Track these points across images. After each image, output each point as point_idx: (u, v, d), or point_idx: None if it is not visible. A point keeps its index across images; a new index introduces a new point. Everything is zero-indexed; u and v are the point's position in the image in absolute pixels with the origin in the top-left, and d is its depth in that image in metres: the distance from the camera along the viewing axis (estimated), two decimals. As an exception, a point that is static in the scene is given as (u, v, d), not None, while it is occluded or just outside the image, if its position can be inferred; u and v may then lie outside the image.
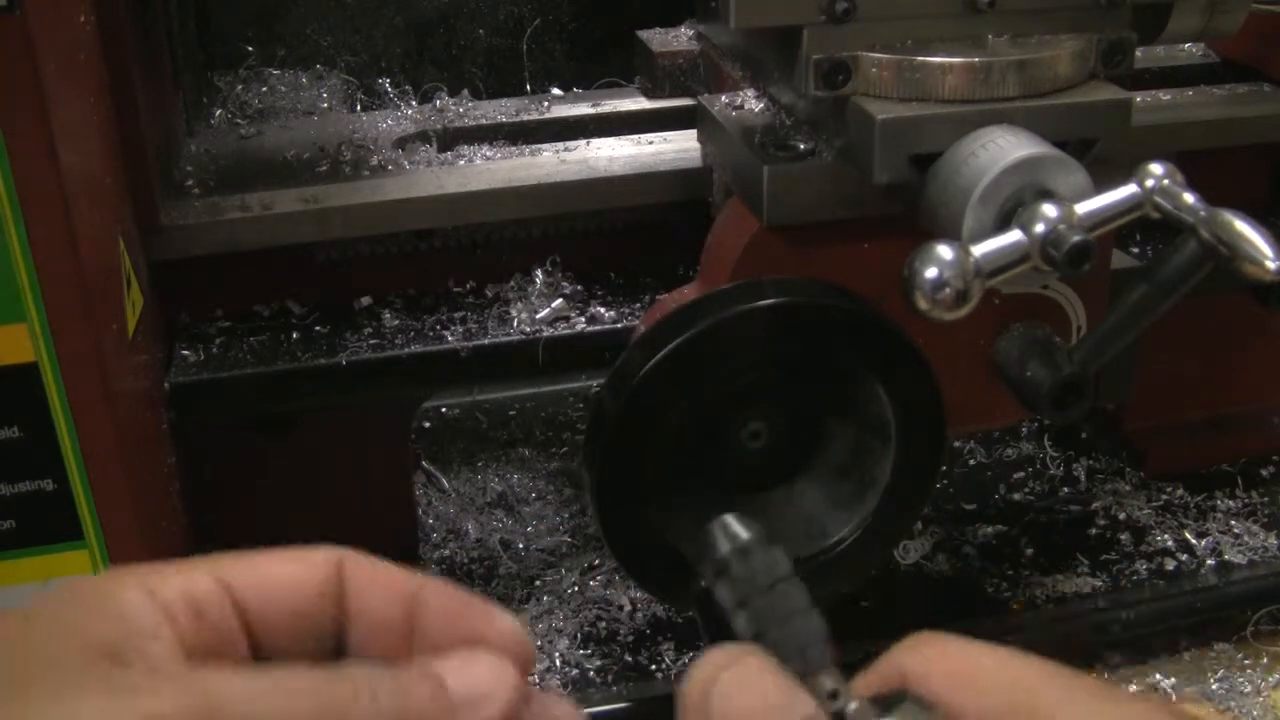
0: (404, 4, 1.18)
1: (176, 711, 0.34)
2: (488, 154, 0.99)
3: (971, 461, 1.17)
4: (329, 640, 0.43)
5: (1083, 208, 0.67)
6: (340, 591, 0.43)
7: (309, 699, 0.37)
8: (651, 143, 1.01)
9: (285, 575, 0.42)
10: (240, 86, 1.12)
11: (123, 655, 0.37)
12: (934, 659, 0.40)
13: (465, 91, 1.11)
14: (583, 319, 0.95)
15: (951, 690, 0.39)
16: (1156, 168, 0.69)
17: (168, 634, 0.39)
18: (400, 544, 1.04)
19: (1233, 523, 1.05)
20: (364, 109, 1.13)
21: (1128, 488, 1.11)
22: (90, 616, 0.38)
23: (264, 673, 0.38)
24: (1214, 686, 0.92)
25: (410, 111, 1.09)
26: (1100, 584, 1.00)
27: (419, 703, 0.39)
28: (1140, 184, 0.69)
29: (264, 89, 1.12)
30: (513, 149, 1.00)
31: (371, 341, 0.93)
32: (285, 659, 0.42)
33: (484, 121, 1.06)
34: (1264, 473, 1.12)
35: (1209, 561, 1.01)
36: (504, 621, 0.43)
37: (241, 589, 0.41)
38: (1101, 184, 0.69)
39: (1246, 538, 1.04)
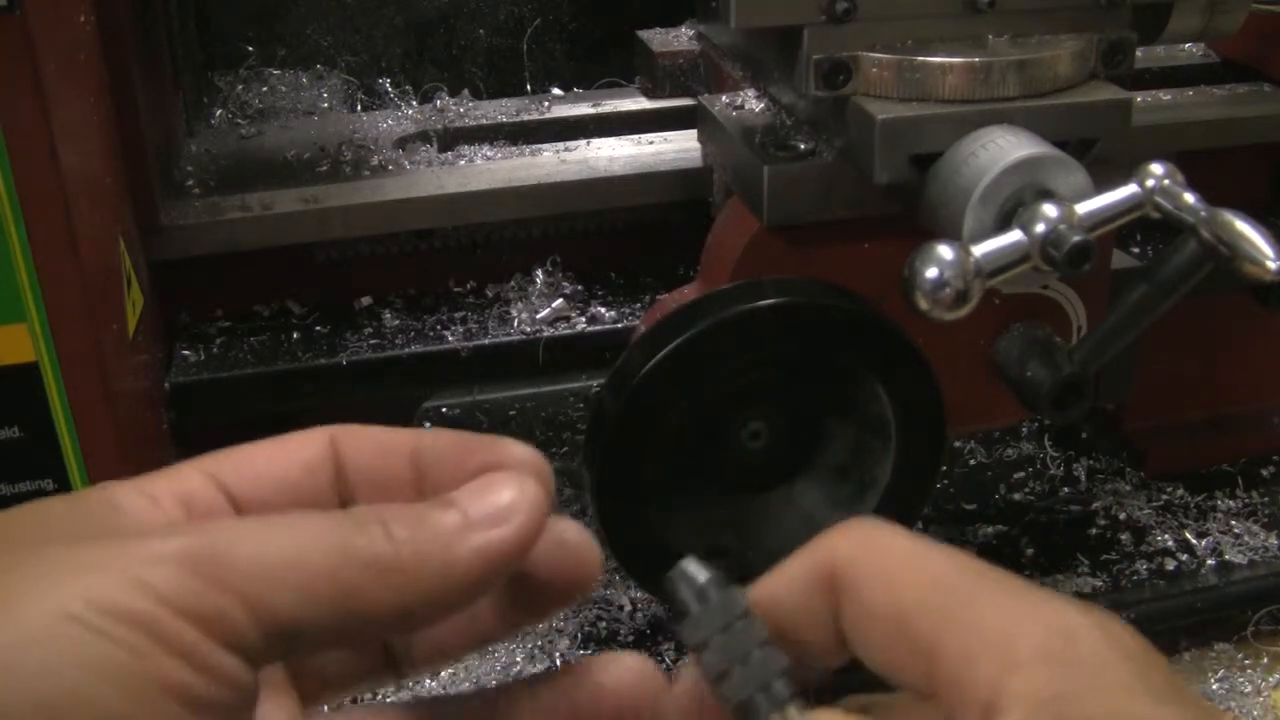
0: (404, 4, 1.18)
1: (180, 551, 0.33)
2: (488, 154, 0.99)
3: (971, 461, 1.16)
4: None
5: (1083, 208, 0.67)
6: (336, 464, 0.42)
7: (317, 539, 0.35)
8: (651, 143, 1.01)
9: (271, 458, 0.41)
10: (240, 86, 1.12)
11: (120, 529, 0.37)
12: (861, 551, 0.39)
13: (465, 91, 1.11)
14: (583, 319, 0.95)
15: (872, 585, 0.38)
16: (1156, 168, 0.69)
17: (161, 520, 0.38)
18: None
19: (1233, 523, 1.05)
20: (364, 109, 1.13)
21: (1128, 488, 1.11)
22: (87, 505, 0.38)
23: (266, 517, 0.37)
24: (1214, 686, 0.92)
25: (410, 111, 1.09)
26: (1100, 584, 1.00)
27: (437, 530, 0.37)
28: (1140, 184, 0.69)
29: (264, 89, 1.12)
30: (513, 149, 1.00)
31: (372, 341, 0.93)
32: None
33: (484, 121, 1.06)
34: (1264, 473, 1.11)
35: (1209, 561, 1.01)
36: (516, 448, 0.42)
37: (229, 479, 0.40)
38: (1101, 184, 0.69)
39: (1247, 538, 1.03)
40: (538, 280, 0.98)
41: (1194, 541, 1.04)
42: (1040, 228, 0.65)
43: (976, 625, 0.35)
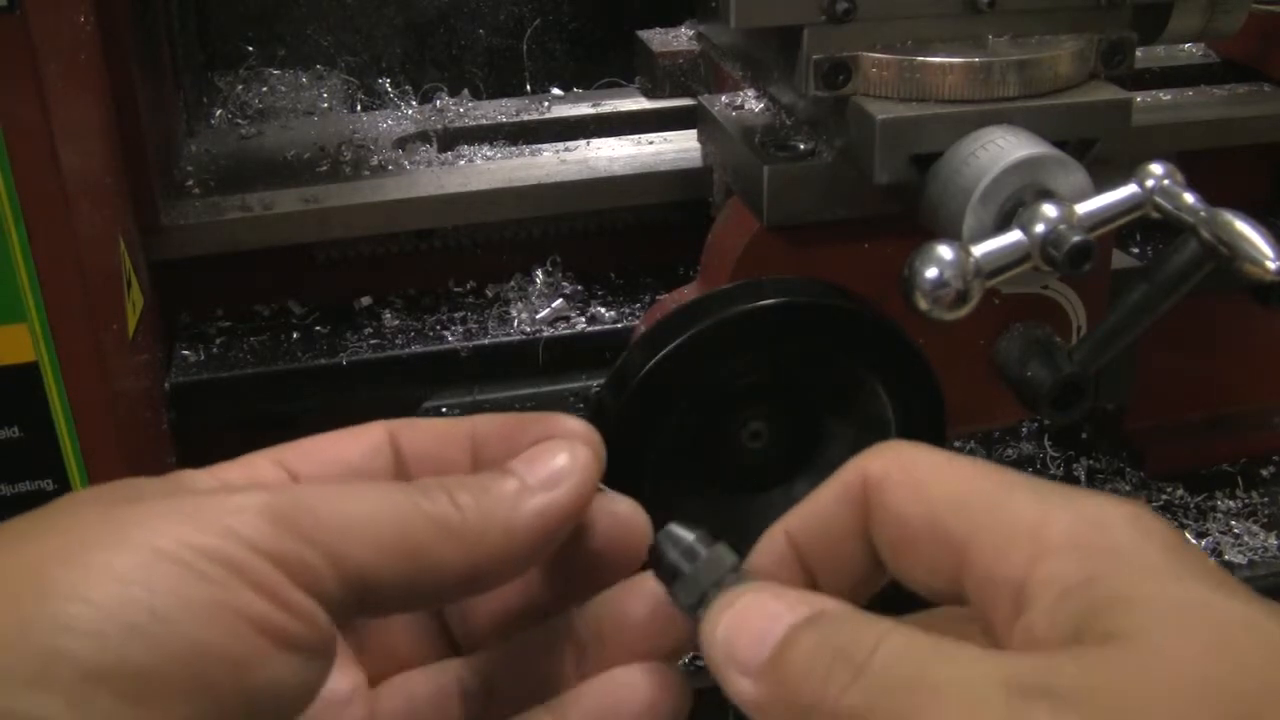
0: (404, 4, 1.18)
1: (264, 504, 0.35)
2: (488, 154, 0.99)
3: (972, 461, 1.16)
4: None
5: (1083, 208, 0.67)
6: (396, 453, 0.44)
7: (390, 500, 0.37)
8: (651, 143, 1.01)
9: (334, 446, 0.44)
10: (240, 86, 1.12)
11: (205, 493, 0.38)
12: (892, 465, 0.39)
13: (465, 91, 1.11)
14: (583, 319, 0.95)
15: (904, 493, 0.39)
16: (1156, 168, 0.69)
17: None
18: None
19: (1233, 523, 1.05)
20: (364, 109, 1.13)
21: (1128, 488, 1.10)
22: (165, 482, 0.39)
23: (344, 484, 0.39)
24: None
25: (410, 111, 1.09)
26: (1100, 584, 1.00)
27: (499, 495, 0.40)
28: (1140, 184, 0.69)
29: (264, 89, 1.12)
30: (513, 149, 1.00)
31: (372, 341, 0.93)
32: None
33: (484, 121, 1.06)
34: (1264, 473, 1.11)
35: (1209, 561, 1.01)
36: (568, 420, 0.44)
37: (296, 465, 0.42)
38: (1101, 184, 0.69)
39: (1246, 538, 1.03)
40: (538, 280, 0.98)
41: (1194, 542, 1.04)
42: (1040, 228, 0.65)
43: (1007, 520, 0.35)
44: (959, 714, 0.30)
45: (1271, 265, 0.66)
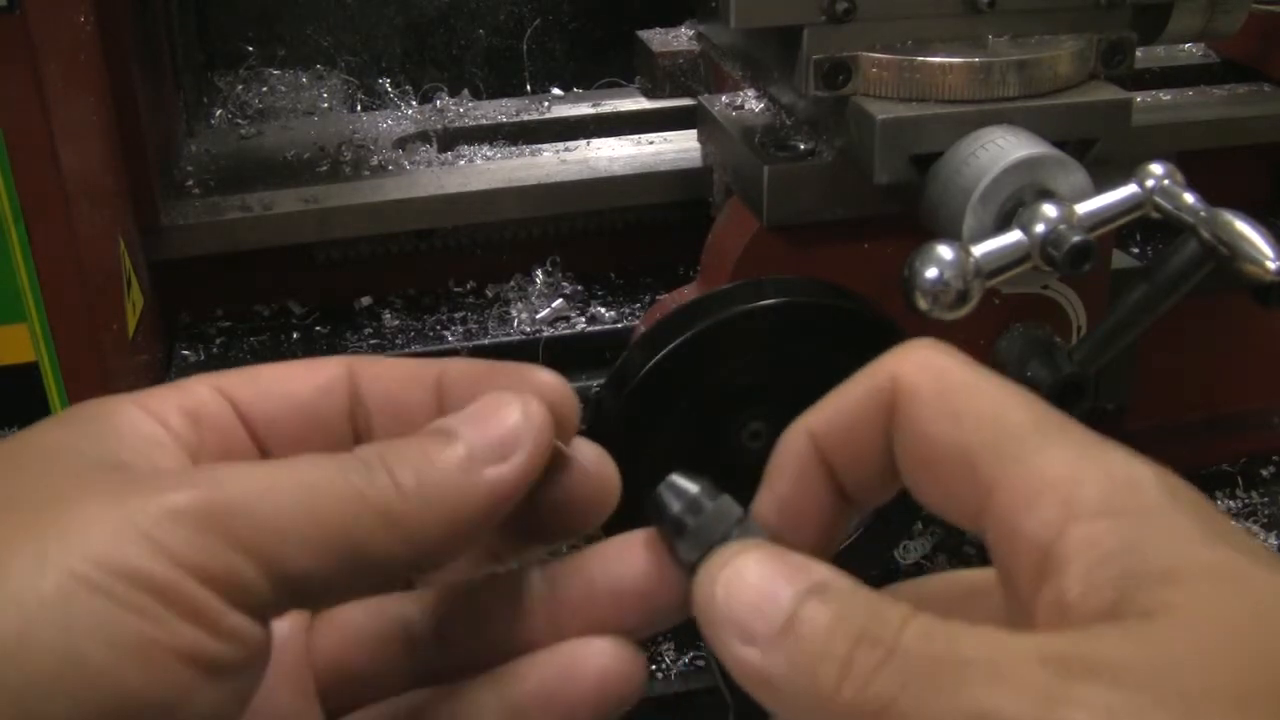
0: (404, 4, 1.18)
1: (189, 505, 0.32)
2: (488, 154, 0.99)
3: (971, 461, 1.16)
4: (346, 443, 0.40)
5: (1083, 208, 0.67)
6: (352, 392, 0.40)
7: (328, 491, 0.34)
8: (651, 143, 1.01)
9: (284, 377, 0.40)
10: (240, 86, 1.12)
11: (127, 465, 0.35)
12: (924, 376, 0.37)
13: (465, 91, 1.11)
14: (583, 319, 0.95)
15: (934, 414, 0.36)
16: (1156, 168, 0.69)
17: (169, 441, 0.36)
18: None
19: (1233, 523, 1.05)
20: (364, 109, 1.13)
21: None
22: (86, 433, 0.36)
23: (277, 464, 0.35)
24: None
25: (410, 111, 1.09)
26: (1100, 584, 1.00)
27: (443, 472, 0.36)
28: (1140, 184, 0.69)
29: (264, 89, 1.12)
30: (513, 149, 1.00)
31: (372, 341, 0.93)
32: None
33: (484, 121, 1.06)
34: (1264, 473, 1.11)
35: (1209, 561, 1.01)
36: (540, 373, 0.40)
37: (239, 394, 0.39)
38: (1101, 184, 0.69)
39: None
40: (538, 280, 0.98)
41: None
42: (1040, 228, 0.65)
43: (1038, 470, 0.34)
44: (998, 694, 0.29)
45: (1271, 265, 0.66)
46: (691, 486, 0.40)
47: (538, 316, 0.94)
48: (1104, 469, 0.34)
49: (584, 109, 1.08)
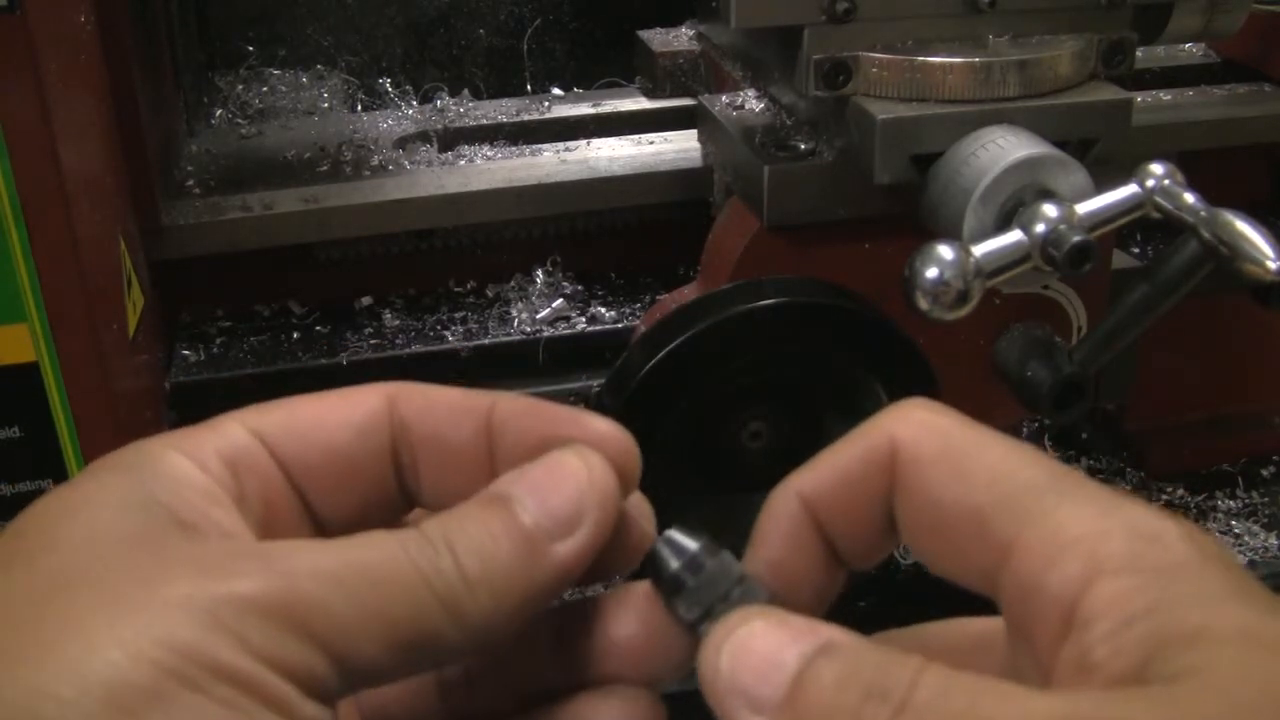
0: (404, 4, 1.18)
1: (261, 594, 0.32)
2: (488, 154, 0.99)
3: (972, 461, 1.16)
4: (388, 482, 0.40)
5: (1083, 208, 0.67)
6: (395, 425, 0.39)
7: (398, 585, 0.34)
8: (652, 143, 1.01)
9: (320, 418, 0.39)
10: (240, 86, 1.12)
11: (190, 522, 0.35)
12: (927, 438, 0.36)
13: (465, 91, 1.11)
14: (583, 319, 0.95)
15: (941, 476, 0.35)
16: (1157, 168, 0.69)
17: (221, 494, 0.37)
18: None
19: (1233, 523, 1.05)
20: (364, 109, 1.13)
21: (1128, 488, 1.10)
22: (142, 485, 0.36)
23: (343, 547, 0.35)
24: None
25: (410, 111, 1.09)
26: (1100, 584, 1.00)
27: (511, 557, 0.36)
28: (1140, 184, 0.69)
29: (264, 89, 1.12)
30: (513, 149, 1.00)
31: (372, 341, 0.93)
32: (336, 508, 0.39)
33: (484, 121, 1.06)
34: (1264, 473, 1.11)
35: (1209, 561, 1.01)
36: (598, 424, 0.39)
37: (275, 439, 0.39)
38: (1101, 184, 0.69)
39: (1247, 538, 1.03)
40: (538, 280, 0.98)
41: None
42: (1040, 228, 0.65)
43: (1058, 526, 0.33)
44: None
45: (1271, 265, 0.66)
46: (690, 543, 0.39)
47: (538, 316, 0.94)
48: (1127, 524, 0.33)
49: (584, 109, 1.08)
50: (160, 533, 0.34)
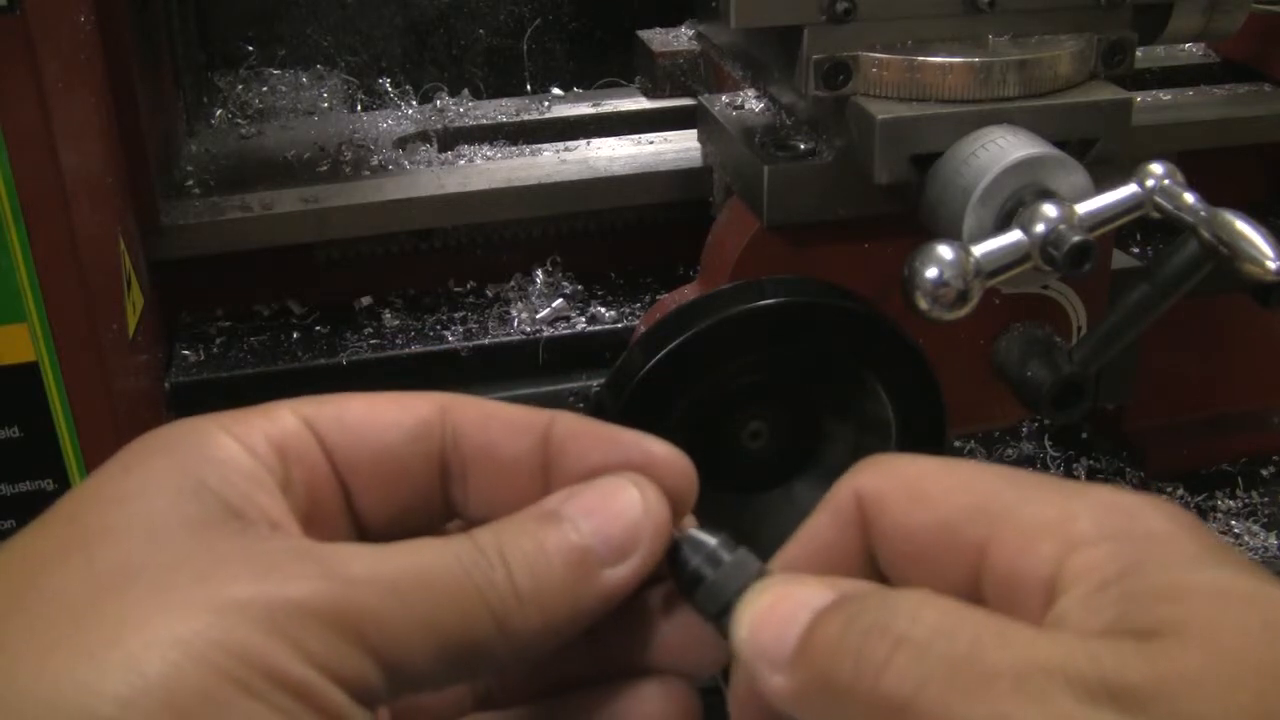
0: (404, 4, 1.18)
1: (320, 600, 0.32)
2: (488, 154, 0.99)
3: (972, 461, 1.16)
4: (433, 489, 0.40)
5: (1083, 208, 0.67)
6: (446, 433, 0.40)
7: (444, 587, 0.34)
8: (651, 143, 1.01)
9: (372, 417, 0.40)
10: (240, 86, 1.12)
11: (239, 509, 0.35)
12: (886, 479, 0.37)
13: (465, 91, 1.11)
14: (583, 319, 0.95)
15: (907, 508, 0.36)
16: (1156, 168, 0.69)
17: (267, 478, 0.36)
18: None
19: (1233, 523, 1.05)
20: (364, 109, 1.13)
21: (1128, 488, 1.11)
22: (189, 467, 0.35)
23: (397, 554, 0.35)
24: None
25: (410, 111, 1.09)
26: (1100, 584, 1.00)
27: (563, 574, 0.36)
28: (1140, 184, 0.69)
29: (264, 89, 1.12)
30: (513, 149, 1.00)
31: (372, 341, 0.93)
32: (378, 509, 0.39)
33: (484, 121, 1.06)
34: (1264, 473, 1.11)
35: (1209, 561, 1.01)
36: (657, 447, 0.40)
37: (327, 431, 0.39)
38: (1101, 184, 0.69)
39: (1246, 538, 1.03)
40: (538, 280, 0.98)
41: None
42: (1040, 228, 0.65)
43: (1029, 517, 0.34)
44: (1023, 710, 0.29)
45: (1271, 265, 0.66)
46: (709, 540, 0.40)
47: (538, 316, 0.94)
48: (1096, 503, 0.34)
49: (584, 109, 1.08)
50: (214, 523, 0.34)
